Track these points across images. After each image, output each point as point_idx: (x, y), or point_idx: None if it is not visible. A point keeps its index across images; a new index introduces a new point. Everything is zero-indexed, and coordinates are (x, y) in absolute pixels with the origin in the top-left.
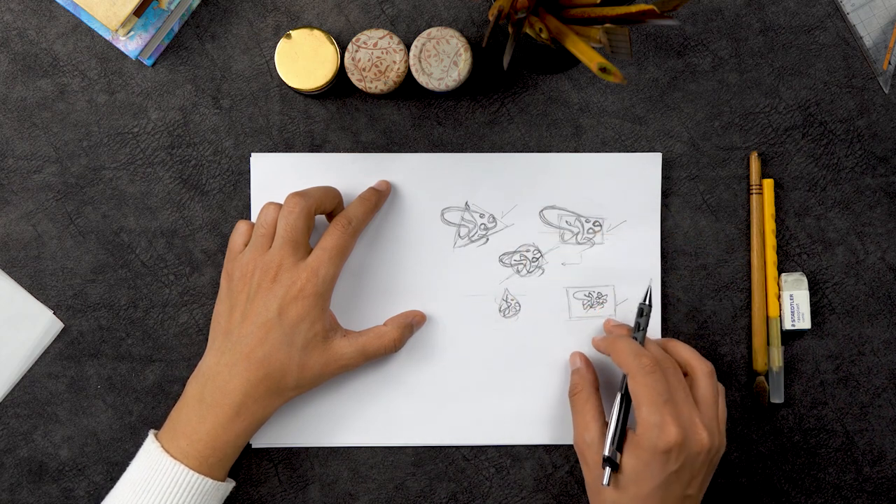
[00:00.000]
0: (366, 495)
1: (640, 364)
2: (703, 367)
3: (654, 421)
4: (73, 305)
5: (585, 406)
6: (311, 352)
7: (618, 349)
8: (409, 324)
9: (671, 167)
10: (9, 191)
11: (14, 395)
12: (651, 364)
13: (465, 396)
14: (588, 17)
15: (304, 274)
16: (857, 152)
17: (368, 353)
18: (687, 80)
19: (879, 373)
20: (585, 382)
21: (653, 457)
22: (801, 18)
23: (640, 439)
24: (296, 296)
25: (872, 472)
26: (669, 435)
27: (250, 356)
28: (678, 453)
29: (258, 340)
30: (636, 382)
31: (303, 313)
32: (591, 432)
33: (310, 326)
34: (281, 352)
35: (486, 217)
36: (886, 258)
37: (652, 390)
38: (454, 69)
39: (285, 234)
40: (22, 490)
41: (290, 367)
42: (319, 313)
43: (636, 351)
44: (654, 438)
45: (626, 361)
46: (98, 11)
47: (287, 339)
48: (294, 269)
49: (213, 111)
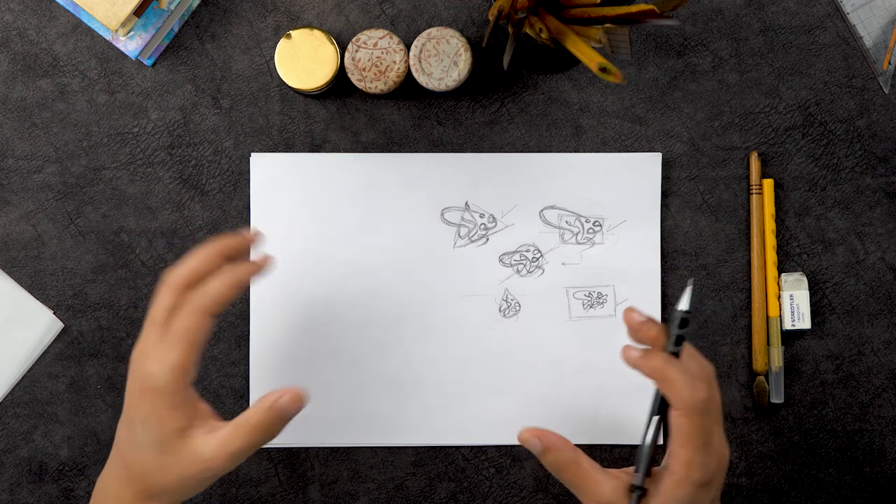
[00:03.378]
0: (366, 495)
1: (696, 400)
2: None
3: (699, 461)
4: (73, 305)
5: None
6: (169, 454)
7: (670, 379)
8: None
9: (671, 167)
10: (9, 191)
11: (14, 395)
12: (707, 400)
13: (465, 396)
14: (588, 17)
15: (150, 365)
16: (857, 152)
17: (230, 450)
18: (687, 80)
19: (879, 373)
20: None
21: (696, 493)
22: (801, 18)
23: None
24: (141, 389)
25: (872, 472)
26: (712, 469)
27: (121, 454)
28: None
29: (125, 437)
30: (689, 421)
31: (150, 409)
32: (605, 495)
33: (159, 426)
34: (140, 453)
35: (486, 217)
36: (886, 258)
37: (703, 430)
38: (454, 69)
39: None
40: (22, 490)
41: (151, 471)
42: (168, 410)
43: (692, 384)
44: (699, 477)
45: (679, 396)
46: (98, 11)
47: (140, 440)
48: (147, 356)
49: (213, 111)
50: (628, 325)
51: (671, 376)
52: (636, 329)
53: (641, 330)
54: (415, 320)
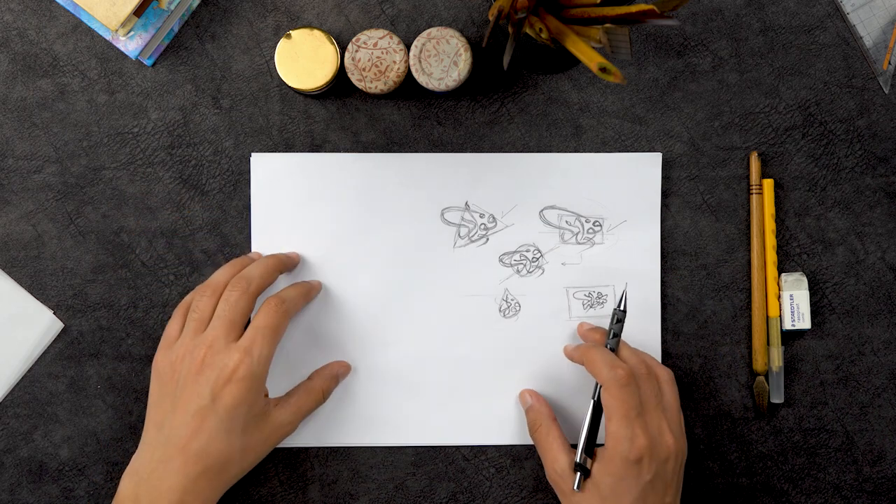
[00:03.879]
0: (366, 495)
1: (614, 376)
2: (666, 374)
3: (624, 434)
4: (73, 305)
5: (548, 439)
6: (252, 433)
7: (592, 360)
8: (335, 375)
9: (671, 167)
10: (9, 191)
11: (14, 395)
12: (626, 376)
13: (464, 396)
14: (588, 17)
15: (237, 355)
16: (857, 152)
17: (303, 411)
18: (687, 80)
19: (879, 373)
20: (542, 416)
21: (625, 469)
22: (801, 18)
23: (612, 453)
24: (229, 378)
25: (872, 472)
26: (639, 444)
27: (186, 449)
28: (649, 461)
29: (193, 431)
30: (610, 395)
31: (239, 397)
32: (560, 462)
33: (248, 410)
34: (220, 441)
35: (486, 217)
36: (886, 258)
37: (625, 403)
38: (454, 69)
39: (225, 313)
40: (22, 490)
41: (232, 456)
42: (256, 395)
43: (610, 362)
44: (624, 451)
45: (600, 372)
46: (98, 11)
47: (225, 427)
48: (226, 351)
49: (213, 111)
50: (579, 334)
51: (593, 357)
52: (584, 336)
53: (587, 336)
54: (415, 320)
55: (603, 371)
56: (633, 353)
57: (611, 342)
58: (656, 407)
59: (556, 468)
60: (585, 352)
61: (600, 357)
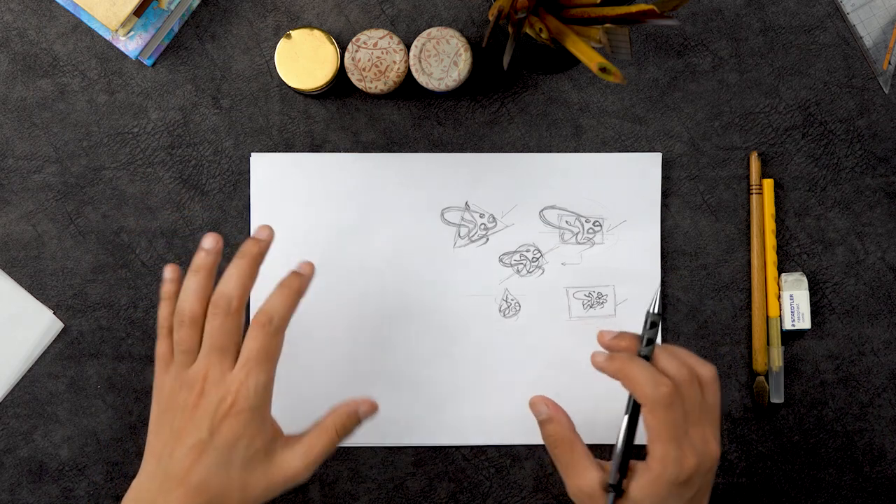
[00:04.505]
0: (366, 495)
1: (658, 395)
2: (709, 374)
3: (672, 456)
4: (73, 305)
5: (572, 456)
6: (253, 471)
7: (631, 377)
8: (353, 412)
9: (671, 167)
10: (9, 191)
11: (14, 395)
12: (670, 394)
13: (465, 396)
14: (588, 17)
15: (234, 386)
16: (857, 152)
17: (313, 454)
18: (687, 80)
19: (879, 373)
20: (563, 430)
21: (670, 490)
22: (801, 18)
23: (657, 476)
24: (227, 412)
25: (872, 472)
26: (689, 466)
27: (185, 482)
28: (695, 477)
29: (191, 463)
30: (654, 417)
31: (238, 431)
32: (587, 481)
33: (248, 444)
34: (219, 476)
35: (486, 217)
36: (886, 258)
37: (670, 424)
38: (454, 69)
39: (213, 342)
40: (22, 490)
41: (230, 492)
42: (258, 428)
43: (654, 380)
44: (672, 474)
45: (642, 392)
46: (98, 11)
47: (224, 461)
48: (222, 382)
49: (213, 111)
50: (602, 345)
51: (632, 373)
52: (609, 347)
53: (613, 345)
54: (415, 320)
55: (646, 390)
56: (671, 357)
57: (644, 350)
58: (700, 415)
59: (582, 488)
60: (622, 367)
61: (640, 373)
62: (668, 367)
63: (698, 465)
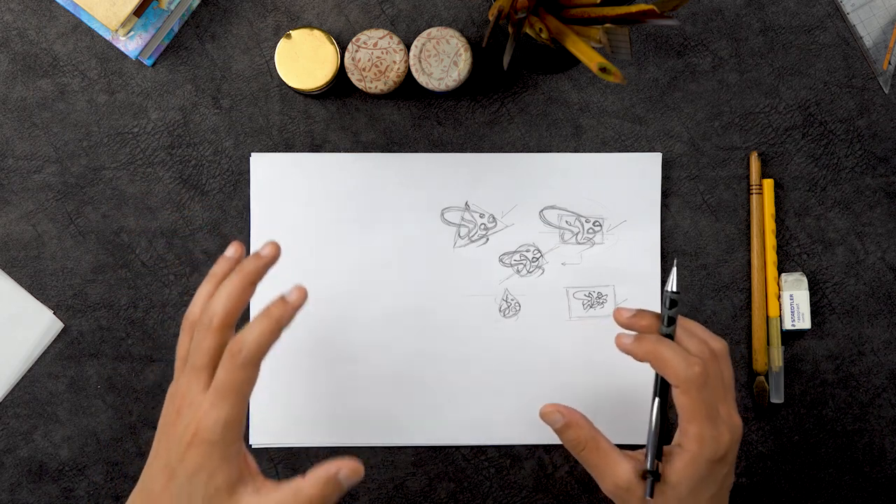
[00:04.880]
0: (366, 495)
1: (691, 374)
2: (722, 348)
3: (710, 434)
4: (73, 305)
5: (599, 454)
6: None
7: (663, 358)
8: (334, 478)
9: (671, 167)
10: (9, 191)
11: (14, 395)
12: (703, 373)
13: (465, 396)
14: (588, 17)
15: (199, 414)
16: (857, 152)
17: None
18: (687, 80)
19: (879, 373)
20: (583, 431)
21: (709, 468)
22: (801, 18)
23: (696, 455)
24: (190, 441)
25: (872, 472)
26: (725, 442)
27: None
28: (730, 454)
29: (162, 486)
30: (689, 397)
31: (200, 462)
32: (622, 476)
33: (208, 479)
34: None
35: (486, 217)
36: (886, 258)
37: (706, 403)
38: (454, 69)
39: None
40: (22, 490)
41: None
42: (219, 464)
43: (685, 360)
44: (710, 452)
45: (675, 373)
46: (98, 11)
47: (187, 492)
48: (193, 404)
49: (213, 111)
50: (620, 324)
51: (664, 355)
52: (628, 325)
53: (633, 323)
54: (415, 320)
55: (678, 371)
56: (691, 336)
57: (667, 330)
58: (724, 391)
59: (618, 483)
60: (652, 350)
61: (672, 355)
62: (690, 347)
63: (731, 440)
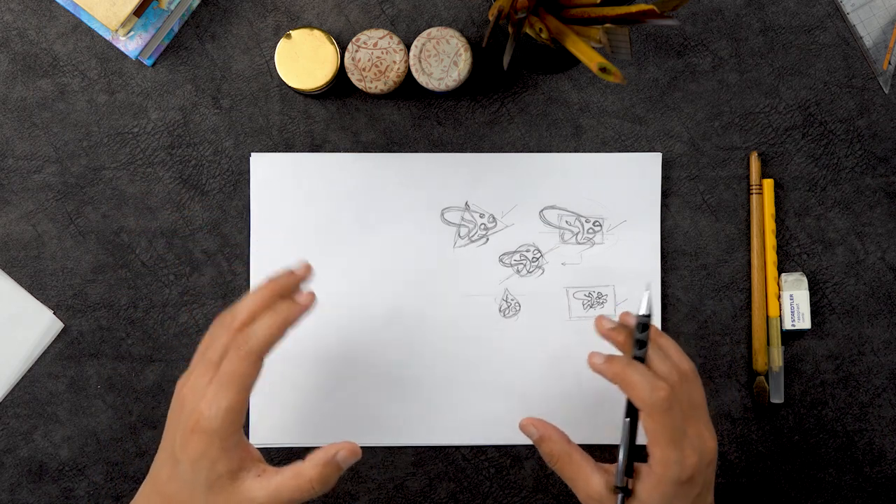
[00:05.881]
0: (366, 495)
1: (656, 399)
2: (690, 369)
3: (673, 458)
4: (73, 305)
5: (572, 466)
6: (218, 495)
7: (629, 382)
8: (332, 459)
9: (671, 167)
10: (9, 191)
11: (14, 395)
12: (668, 398)
13: (465, 396)
14: (588, 17)
15: (203, 404)
16: (857, 152)
17: (282, 497)
18: (687, 80)
19: (879, 373)
20: (557, 444)
21: (676, 489)
22: (801, 18)
23: (661, 478)
24: (192, 429)
25: (872, 472)
26: (690, 464)
27: (161, 490)
28: (698, 475)
29: (168, 475)
30: (653, 421)
31: (201, 450)
32: (593, 486)
33: (210, 466)
34: (185, 492)
35: (486, 217)
36: (886, 258)
37: (669, 427)
38: (454, 69)
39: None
40: (22, 490)
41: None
42: (220, 452)
43: (650, 384)
44: (675, 475)
45: (640, 398)
46: (98, 11)
47: (189, 479)
48: (198, 396)
49: (213, 111)
50: (599, 333)
51: (630, 379)
52: (606, 337)
53: (611, 336)
54: (415, 320)
55: (643, 395)
56: (663, 358)
57: (638, 353)
58: (693, 412)
59: (590, 493)
60: (620, 372)
61: (638, 379)
62: (661, 369)
63: (699, 463)
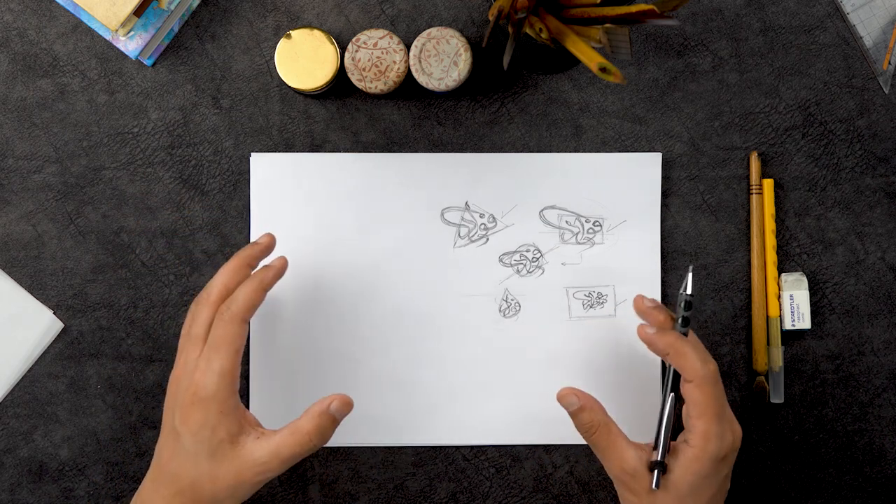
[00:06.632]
0: (366, 495)
1: (707, 372)
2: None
3: (716, 431)
4: (73, 305)
5: (610, 438)
6: (221, 461)
7: (683, 353)
8: (326, 410)
9: (671, 167)
10: (9, 191)
11: (14, 395)
12: (717, 371)
13: (465, 396)
14: (588, 17)
15: (196, 375)
16: (857, 152)
17: (283, 454)
18: (687, 80)
19: (879, 373)
20: (597, 415)
21: (712, 466)
22: (801, 18)
23: (700, 451)
24: (191, 401)
25: (872, 472)
26: (729, 441)
27: (164, 469)
28: (731, 454)
29: (170, 453)
30: (702, 393)
31: (201, 419)
32: (628, 461)
33: (211, 434)
34: (188, 464)
35: (486, 217)
36: (886, 258)
37: (717, 400)
38: (454, 69)
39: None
40: (22, 490)
41: (200, 481)
42: (219, 417)
43: (704, 357)
44: (715, 449)
45: (692, 368)
46: (98, 11)
47: (192, 450)
48: (188, 370)
49: (213, 111)
50: (638, 310)
51: (683, 350)
52: (645, 314)
53: (650, 315)
54: (415, 320)
55: (696, 366)
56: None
57: (682, 330)
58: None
59: (625, 468)
60: (673, 342)
61: (692, 350)
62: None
63: (734, 442)
